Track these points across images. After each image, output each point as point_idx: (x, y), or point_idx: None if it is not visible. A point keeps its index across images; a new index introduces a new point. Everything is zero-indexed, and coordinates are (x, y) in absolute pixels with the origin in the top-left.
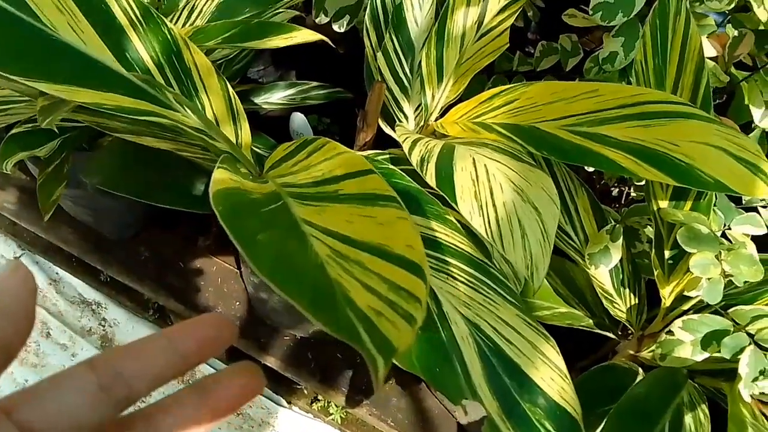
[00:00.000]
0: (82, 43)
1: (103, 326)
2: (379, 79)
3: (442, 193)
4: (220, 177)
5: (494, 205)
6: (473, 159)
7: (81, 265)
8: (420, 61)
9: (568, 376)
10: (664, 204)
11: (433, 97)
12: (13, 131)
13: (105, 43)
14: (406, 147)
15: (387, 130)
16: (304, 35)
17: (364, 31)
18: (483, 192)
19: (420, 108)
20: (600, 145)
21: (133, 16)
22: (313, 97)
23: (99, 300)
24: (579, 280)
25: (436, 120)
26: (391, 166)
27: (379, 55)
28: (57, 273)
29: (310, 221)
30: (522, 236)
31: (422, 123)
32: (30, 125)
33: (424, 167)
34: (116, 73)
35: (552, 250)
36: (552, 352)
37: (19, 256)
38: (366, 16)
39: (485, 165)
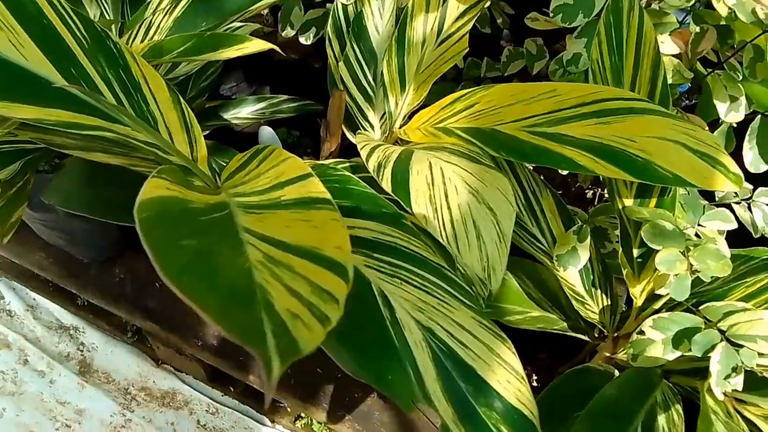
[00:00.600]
0: (23, 59)
1: (81, 351)
2: (341, 88)
3: (397, 198)
4: (154, 185)
5: (449, 207)
6: (430, 163)
7: (58, 290)
8: (382, 70)
9: (525, 378)
10: (628, 202)
11: (396, 104)
12: None
13: (48, 58)
14: (364, 154)
15: (353, 139)
16: (255, 45)
17: (327, 41)
18: (438, 195)
19: (384, 116)
20: (558, 144)
21: (77, 31)
22: (284, 110)
23: (76, 324)
24: (551, 282)
25: (401, 127)
26: (347, 173)
27: (341, 64)
28: (34, 299)
29: (251, 229)
30: (477, 237)
31: (387, 131)
32: None
33: (381, 173)
34: (58, 88)
35: (509, 250)
36: (508, 354)
37: None
38: (328, 27)
39: (441, 168)
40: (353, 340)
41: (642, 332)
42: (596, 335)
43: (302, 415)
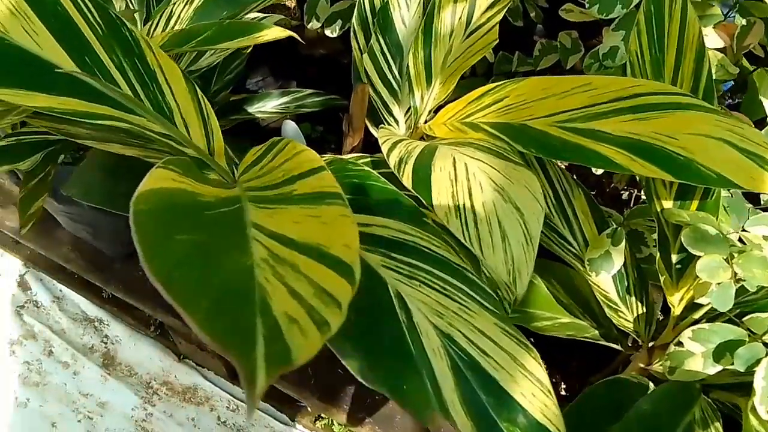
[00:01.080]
0: (36, 47)
1: (105, 343)
2: (365, 82)
3: (418, 195)
4: (157, 177)
5: (473, 205)
6: (453, 158)
7: (83, 283)
8: (408, 63)
9: (552, 391)
10: (668, 204)
11: (422, 98)
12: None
13: (62, 46)
14: (385, 149)
15: (376, 134)
16: (274, 32)
17: (352, 33)
18: (461, 192)
19: (410, 111)
20: (592, 140)
21: (92, 18)
22: (308, 104)
23: (101, 317)
24: (583, 288)
25: (426, 122)
26: (367, 169)
27: (365, 57)
28: (60, 290)
29: (260, 225)
30: (502, 238)
31: (412, 126)
32: (13, 138)
33: (402, 168)
34: (71, 77)
35: (536, 252)
36: (534, 364)
37: (24, 274)
38: (354, 19)
39: (465, 164)
40: (366, 345)
41: (680, 344)
42: (629, 344)
43: (323, 415)
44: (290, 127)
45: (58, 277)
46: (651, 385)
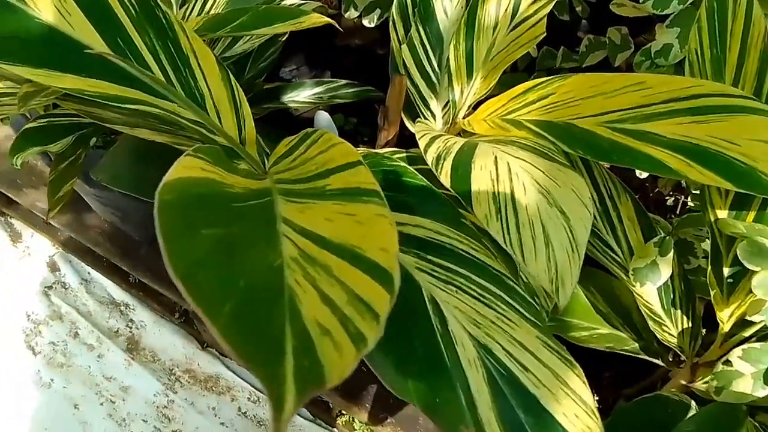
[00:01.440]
0: (69, 27)
1: (130, 328)
2: (402, 73)
3: (456, 194)
4: (186, 165)
5: (515, 207)
6: (495, 157)
7: (111, 266)
8: (448, 55)
9: (597, 413)
10: (722, 214)
11: (461, 92)
12: (27, 126)
13: (94, 27)
14: (422, 144)
15: (412, 128)
16: (312, 19)
17: (390, 23)
18: (503, 193)
19: (448, 105)
20: (644, 143)
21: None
22: (342, 95)
23: (127, 301)
24: (624, 297)
25: (465, 117)
26: (403, 164)
27: (404, 47)
28: (89, 273)
29: (290, 220)
30: (546, 244)
31: (450, 121)
32: (44, 120)
33: (440, 165)
34: (103, 59)
35: (582, 260)
36: (577, 382)
37: (53, 255)
38: (393, 8)
39: (508, 163)
40: (398, 353)
41: (728, 363)
42: (670, 358)
43: (343, 412)
44: (323, 117)
45: (87, 260)
46: (693, 404)
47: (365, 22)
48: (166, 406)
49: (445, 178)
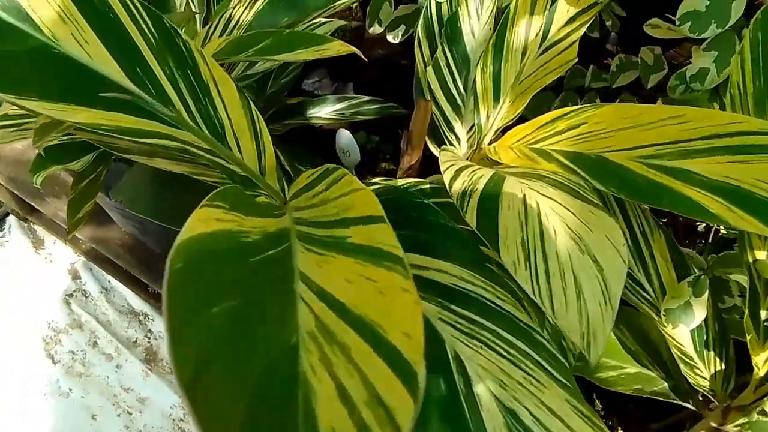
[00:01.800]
0: (86, 56)
1: (149, 338)
2: (428, 96)
3: (482, 237)
4: (201, 218)
5: (545, 254)
6: (524, 195)
7: (131, 276)
8: (475, 77)
9: None
10: (761, 255)
11: (487, 117)
12: (48, 143)
13: (113, 56)
14: (447, 178)
15: (436, 152)
16: (336, 47)
17: (416, 43)
18: (532, 237)
19: (473, 129)
20: (682, 182)
21: (145, 27)
22: (364, 112)
23: (146, 311)
24: (653, 333)
25: (490, 143)
26: (427, 202)
27: (429, 69)
28: (109, 281)
29: (308, 276)
30: (577, 296)
31: (475, 146)
32: (65, 138)
33: (465, 203)
34: (122, 88)
35: (616, 314)
36: None
37: (75, 263)
38: (419, 27)
39: (537, 202)
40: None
41: (764, 412)
42: (700, 398)
43: None
44: (345, 136)
45: (108, 269)
46: None
47: (390, 38)
48: (182, 419)
49: (470, 218)
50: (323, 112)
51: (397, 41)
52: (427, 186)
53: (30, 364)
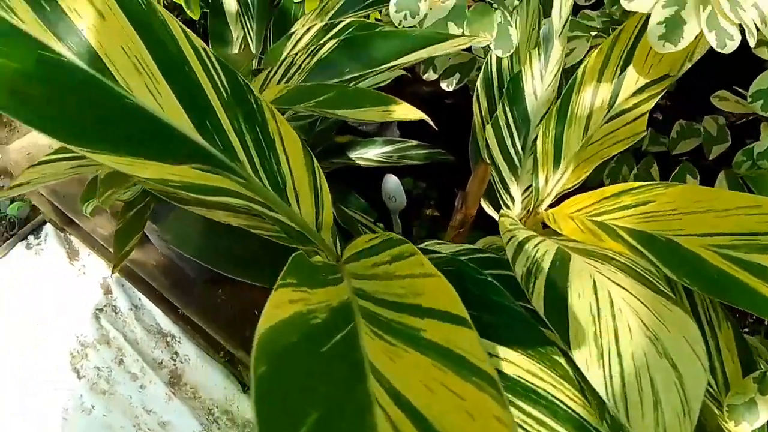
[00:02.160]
0: (158, 108)
1: (174, 361)
2: (485, 155)
3: (551, 326)
4: (277, 302)
5: (619, 354)
6: (594, 281)
7: (162, 296)
8: (535, 138)
9: None
10: None
11: (546, 181)
12: (98, 173)
13: (184, 108)
14: (509, 252)
15: (489, 210)
16: (402, 111)
17: (474, 97)
18: (606, 334)
19: (529, 191)
20: (760, 279)
21: (218, 81)
22: (412, 156)
23: (174, 333)
24: (710, 424)
25: (548, 209)
26: (491, 280)
27: (489, 127)
28: (139, 299)
29: (380, 371)
30: (654, 404)
31: (530, 208)
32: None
33: (531, 283)
34: (191, 141)
35: (694, 427)
36: None
37: (107, 278)
38: (478, 81)
39: (609, 292)
40: None
41: None
42: None
43: None
44: (392, 181)
45: (139, 286)
46: None
47: (443, 86)
48: None
49: (537, 303)
50: (370, 153)
51: (450, 89)
52: (486, 255)
53: (57, 379)
